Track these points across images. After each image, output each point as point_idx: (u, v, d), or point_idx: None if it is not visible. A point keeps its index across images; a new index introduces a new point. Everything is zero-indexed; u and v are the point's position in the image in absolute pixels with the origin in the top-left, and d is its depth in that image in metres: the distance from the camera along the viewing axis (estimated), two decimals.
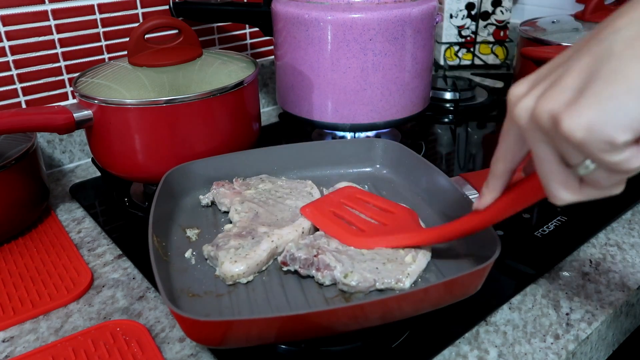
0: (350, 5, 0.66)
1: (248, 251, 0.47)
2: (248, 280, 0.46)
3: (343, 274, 0.44)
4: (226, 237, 0.49)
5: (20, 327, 0.49)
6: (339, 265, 0.45)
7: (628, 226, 0.60)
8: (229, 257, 0.46)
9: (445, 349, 0.44)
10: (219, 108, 0.61)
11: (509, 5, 1.11)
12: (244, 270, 0.45)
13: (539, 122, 0.29)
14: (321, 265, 0.45)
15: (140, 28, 0.63)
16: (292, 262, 0.46)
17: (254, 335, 0.38)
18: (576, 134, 0.27)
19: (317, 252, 0.46)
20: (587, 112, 0.26)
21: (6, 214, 0.58)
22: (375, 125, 0.73)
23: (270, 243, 0.48)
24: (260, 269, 0.47)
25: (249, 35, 0.96)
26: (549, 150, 0.30)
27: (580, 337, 0.45)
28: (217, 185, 0.58)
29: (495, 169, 0.36)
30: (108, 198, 0.70)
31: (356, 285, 0.44)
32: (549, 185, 0.31)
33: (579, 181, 0.30)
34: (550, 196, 0.32)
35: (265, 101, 1.02)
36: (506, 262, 0.53)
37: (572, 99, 0.27)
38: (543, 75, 0.31)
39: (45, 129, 0.58)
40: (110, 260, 0.58)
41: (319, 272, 0.45)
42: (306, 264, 0.46)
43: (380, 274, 0.44)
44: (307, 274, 0.46)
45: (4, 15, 0.71)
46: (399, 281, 0.44)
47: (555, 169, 0.30)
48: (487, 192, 0.38)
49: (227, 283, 0.46)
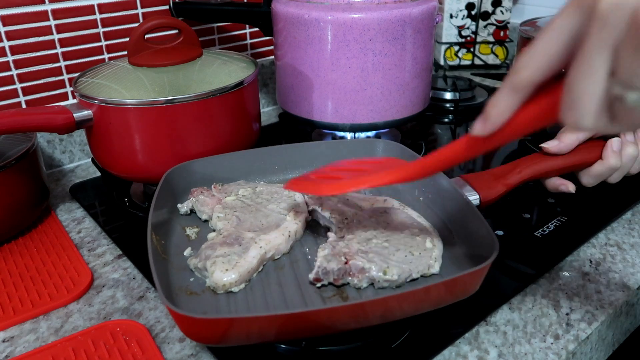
0: (350, 5, 0.66)
1: (237, 259, 0.46)
2: (240, 289, 0.45)
3: (381, 271, 0.44)
4: (212, 246, 0.48)
5: (20, 327, 0.49)
6: (373, 265, 0.45)
7: (628, 226, 0.60)
8: (218, 267, 0.45)
9: (445, 349, 0.44)
10: (219, 108, 0.61)
11: (509, 5, 1.11)
12: (235, 279, 0.44)
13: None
14: (354, 270, 0.45)
15: (140, 28, 0.63)
16: (325, 277, 0.45)
17: (252, 333, 0.38)
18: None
19: (347, 259, 0.45)
20: None
21: (6, 214, 0.58)
22: (375, 125, 0.73)
23: (259, 249, 0.47)
24: (251, 276, 0.47)
25: (249, 35, 0.96)
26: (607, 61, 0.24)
27: (580, 337, 0.45)
28: (196, 192, 0.56)
29: (518, 80, 0.28)
30: (108, 198, 0.70)
31: (397, 279, 0.44)
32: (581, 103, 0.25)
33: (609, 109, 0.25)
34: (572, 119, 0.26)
35: (265, 101, 1.02)
36: (506, 262, 0.53)
37: None
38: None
39: (45, 129, 0.58)
40: (110, 260, 0.58)
41: (354, 278, 0.45)
42: (340, 274, 0.45)
43: (412, 263, 0.46)
44: (343, 283, 0.45)
45: (4, 15, 0.71)
46: (430, 267, 0.46)
47: (599, 87, 0.24)
48: (497, 114, 0.30)
49: (219, 292, 0.45)
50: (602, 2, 0.23)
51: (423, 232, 0.50)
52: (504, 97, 0.29)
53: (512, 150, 0.81)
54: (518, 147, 0.79)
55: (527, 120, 0.29)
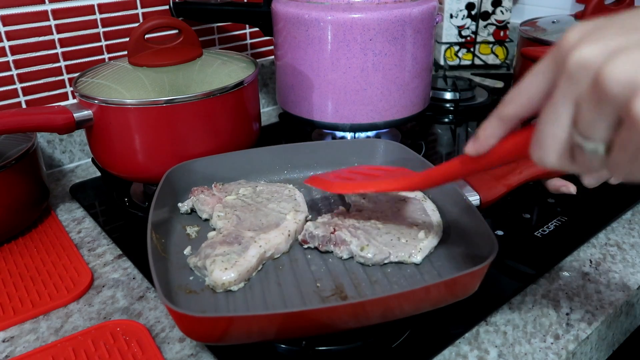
0: (350, 5, 0.66)
1: (237, 258, 0.46)
2: (239, 287, 0.45)
3: (359, 247, 0.48)
4: (211, 245, 0.48)
5: (21, 327, 0.49)
6: (354, 240, 0.48)
7: (628, 226, 0.60)
8: (218, 265, 0.45)
9: (445, 349, 0.44)
10: (219, 108, 0.61)
11: (509, 5, 1.11)
12: (235, 278, 0.45)
13: (604, 82, 0.23)
14: (338, 240, 0.49)
15: (140, 28, 0.63)
16: (311, 240, 0.50)
17: (251, 332, 0.38)
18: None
19: (334, 229, 0.49)
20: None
21: (6, 214, 0.58)
22: (375, 125, 0.73)
23: (258, 248, 0.48)
24: (251, 275, 0.47)
25: (249, 35, 0.96)
26: (571, 112, 0.26)
27: (580, 337, 0.45)
28: (196, 191, 0.57)
29: (504, 112, 0.32)
30: (108, 198, 0.70)
31: (372, 257, 0.47)
32: (545, 145, 0.28)
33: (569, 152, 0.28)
34: (537, 157, 0.29)
35: (265, 101, 1.02)
36: (506, 262, 0.53)
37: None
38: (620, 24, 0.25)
39: (45, 129, 0.58)
40: (110, 260, 0.58)
41: (336, 247, 0.49)
42: (324, 240, 0.49)
43: (394, 247, 0.48)
44: (326, 250, 0.50)
45: (4, 15, 0.71)
46: (412, 255, 0.48)
47: (562, 133, 0.27)
48: (485, 137, 0.34)
49: (218, 291, 0.45)
50: (571, 60, 0.26)
51: (425, 225, 0.51)
52: (492, 125, 0.33)
53: None
54: None
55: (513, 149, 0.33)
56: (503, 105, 0.32)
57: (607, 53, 0.24)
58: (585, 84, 0.25)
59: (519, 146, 0.33)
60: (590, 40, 0.25)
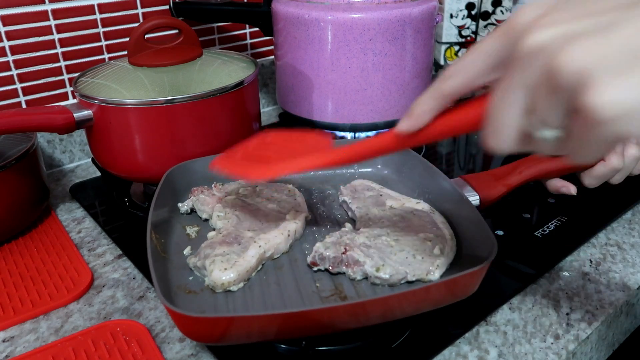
0: (350, 5, 0.66)
1: (236, 258, 0.46)
2: (239, 288, 0.45)
3: (374, 267, 0.45)
4: (211, 245, 0.48)
5: (21, 327, 0.49)
6: (368, 260, 0.45)
7: (628, 226, 0.60)
8: (217, 265, 0.45)
9: (445, 349, 0.44)
10: (219, 108, 0.61)
11: (509, 5, 1.11)
12: (234, 278, 0.44)
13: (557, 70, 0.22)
14: (350, 261, 0.46)
15: (140, 28, 0.63)
16: (321, 262, 0.47)
17: (250, 332, 0.38)
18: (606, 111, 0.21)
19: (345, 249, 0.46)
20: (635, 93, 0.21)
21: (6, 214, 0.58)
22: (375, 125, 0.73)
23: (257, 248, 0.47)
24: (250, 275, 0.47)
25: (249, 35, 0.96)
26: (524, 99, 0.25)
27: (581, 337, 0.45)
28: (196, 191, 0.56)
29: (442, 87, 0.30)
30: (108, 198, 0.70)
31: (389, 278, 0.44)
32: (499, 131, 0.26)
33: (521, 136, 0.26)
34: (491, 143, 0.27)
35: (265, 101, 1.02)
36: (506, 262, 0.53)
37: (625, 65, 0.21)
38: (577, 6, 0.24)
39: (45, 129, 0.58)
40: (111, 260, 0.58)
41: (349, 269, 0.46)
42: (335, 261, 0.46)
43: (410, 265, 0.45)
44: (338, 271, 0.46)
45: (4, 15, 0.71)
46: (429, 273, 0.45)
47: (516, 120, 0.26)
48: (420, 114, 0.31)
49: (217, 291, 0.45)
50: (524, 44, 0.24)
51: (438, 238, 0.49)
52: (428, 100, 0.31)
53: None
54: None
55: (450, 126, 0.31)
56: (442, 80, 0.30)
57: (562, 39, 0.23)
58: (539, 71, 0.24)
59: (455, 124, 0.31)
60: (545, 23, 0.24)
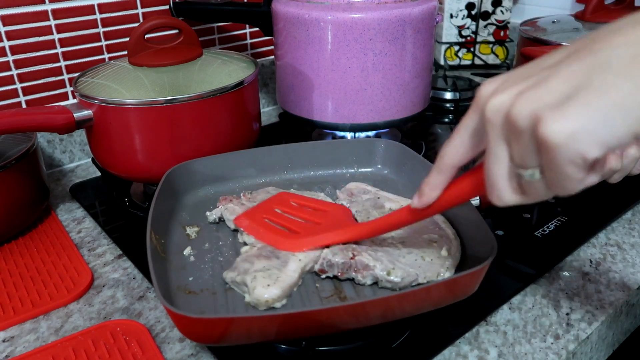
0: (350, 5, 0.66)
1: (278, 273, 0.44)
2: (282, 304, 0.43)
3: (385, 271, 0.44)
4: (247, 259, 0.46)
5: (21, 327, 0.49)
6: (378, 264, 0.45)
7: (628, 226, 0.60)
8: (259, 282, 0.43)
9: (445, 349, 0.44)
10: (219, 108, 0.61)
11: (509, 5, 1.11)
12: (279, 294, 0.42)
13: (514, 120, 0.28)
14: (359, 266, 0.45)
15: (140, 28, 0.63)
16: (330, 269, 0.46)
17: (250, 333, 0.38)
18: (556, 137, 0.26)
19: (353, 254, 0.46)
20: (574, 119, 0.26)
21: (6, 214, 0.58)
22: (375, 125, 0.73)
23: (298, 262, 0.45)
24: (292, 290, 0.44)
25: (249, 35, 0.96)
26: (506, 150, 0.30)
27: (581, 337, 0.45)
28: (225, 200, 0.55)
29: (442, 164, 0.36)
30: (108, 198, 0.70)
31: (400, 281, 0.44)
32: (496, 185, 0.32)
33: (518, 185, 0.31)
34: (493, 196, 0.32)
35: (265, 101, 1.02)
36: (506, 262, 0.53)
37: (559, 103, 0.27)
38: (520, 75, 0.30)
39: (45, 129, 0.58)
40: (111, 260, 0.58)
41: (358, 274, 0.45)
42: (344, 267, 0.45)
43: (420, 268, 0.45)
44: (347, 277, 0.46)
45: (4, 15, 0.71)
46: (440, 274, 0.45)
47: (506, 170, 0.31)
48: (429, 189, 0.37)
49: (261, 309, 0.42)
50: (487, 109, 0.30)
51: (443, 239, 0.48)
52: (434, 178, 0.37)
53: None
54: None
55: (457, 195, 0.37)
56: (440, 158, 0.36)
57: (511, 98, 0.29)
58: (502, 124, 0.30)
59: (461, 192, 0.36)
60: (498, 91, 0.30)
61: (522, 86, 0.29)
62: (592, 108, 0.26)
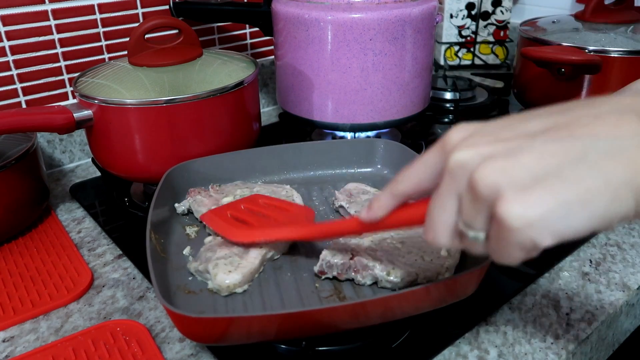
0: (350, 5, 0.66)
1: (239, 260, 0.46)
2: (244, 290, 0.45)
3: (385, 271, 0.44)
4: (211, 248, 0.48)
5: (21, 327, 0.49)
6: (377, 264, 0.45)
7: (628, 226, 0.60)
8: (221, 268, 0.45)
9: (445, 349, 0.44)
10: (219, 108, 0.61)
11: (509, 5, 1.11)
12: (239, 280, 0.44)
13: (476, 184, 0.27)
14: (359, 266, 0.45)
15: (140, 28, 0.63)
16: (329, 270, 0.46)
17: (250, 332, 0.38)
18: (513, 221, 0.26)
19: (353, 255, 0.46)
20: (536, 207, 0.25)
21: (6, 214, 0.58)
22: (375, 125, 0.73)
23: (259, 250, 0.47)
24: (254, 276, 0.46)
25: (249, 35, 0.96)
26: (455, 205, 0.30)
27: (580, 337, 0.45)
28: (193, 192, 0.56)
29: (395, 189, 0.35)
30: (108, 198, 0.70)
31: (400, 281, 0.44)
32: (436, 230, 0.31)
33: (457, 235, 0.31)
34: (431, 239, 0.32)
35: (265, 101, 1.02)
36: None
37: (525, 186, 0.26)
38: (494, 133, 0.29)
39: (45, 129, 0.58)
40: (111, 260, 0.58)
41: (358, 274, 0.45)
42: (344, 268, 0.45)
43: (420, 267, 0.45)
44: (347, 278, 0.46)
45: (4, 15, 0.71)
46: (440, 275, 0.44)
47: (450, 220, 0.30)
48: (378, 208, 0.37)
49: (223, 294, 0.44)
50: (452, 159, 0.29)
51: None
52: (385, 198, 0.37)
53: None
54: None
55: (402, 220, 0.37)
56: (395, 183, 0.35)
57: (479, 158, 0.28)
58: (462, 182, 0.29)
59: (406, 219, 0.37)
60: (467, 144, 0.29)
61: (493, 149, 0.28)
62: (556, 199, 0.25)
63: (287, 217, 0.51)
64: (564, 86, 0.75)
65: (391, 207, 0.37)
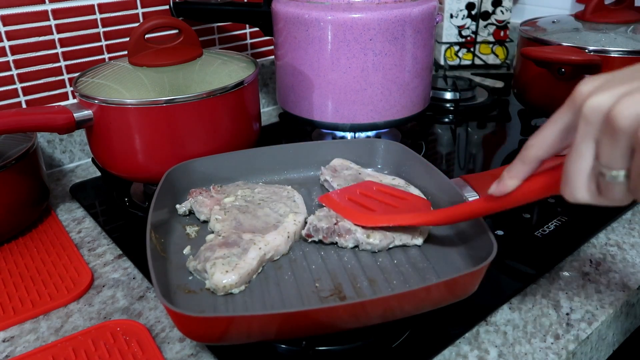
0: (350, 5, 0.66)
1: (237, 260, 0.46)
2: (240, 290, 0.45)
3: (365, 234, 0.49)
4: (210, 248, 0.48)
5: (21, 327, 0.49)
6: (359, 228, 0.50)
7: (628, 226, 0.60)
8: (218, 268, 0.45)
9: (445, 349, 0.44)
10: (219, 108, 0.61)
11: (509, 5, 1.11)
12: (236, 280, 0.44)
13: (615, 119, 0.29)
14: (342, 230, 0.50)
15: (140, 28, 0.63)
16: (315, 233, 0.51)
17: (250, 332, 0.38)
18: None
19: (337, 220, 0.51)
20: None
21: (6, 214, 0.58)
22: (375, 125, 0.73)
23: (258, 250, 0.47)
24: (251, 277, 0.46)
25: (249, 35, 0.96)
26: (592, 149, 0.31)
27: (581, 337, 0.45)
28: (195, 193, 0.56)
29: (527, 155, 0.36)
30: (108, 198, 0.70)
31: (379, 243, 0.49)
32: (574, 182, 0.32)
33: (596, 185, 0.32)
34: (568, 193, 0.33)
35: (265, 101, 1.02)
36: (506, 262, 0.53)
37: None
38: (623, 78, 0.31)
39: (45, 129, 0.58)
40: (111, 260, 0.58)
41: (341, 238, 0.50)
42: (329, 232, 0.50)
43: (397, 231, 0.50)
44: (331, 242, 0.51)
45: (4, 15, 0.71)
46: (414, 237, 0.50)
47: (587, 169, 0.31)
48: (509, 178, 0.37)
49: (219, 294, 0.45)
50: (585, 105, 0.31)
51: None
52: (516, 167, 0.37)
53: (512, 150, 0.81)
54: (519, 147, 0.79)
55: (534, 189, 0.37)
56: (526, 149, 0.36)
57: (615, 97, 0.29)
58: (599, 123, 0.30)
59: (540, 188, 0.37)
60: (601, 90, 0.31)
61: (627, 88, 0.29)
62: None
63: (406, 205, 0.53)
64: (564, 86, 0.75)
65: (524, 176, 0.37)
